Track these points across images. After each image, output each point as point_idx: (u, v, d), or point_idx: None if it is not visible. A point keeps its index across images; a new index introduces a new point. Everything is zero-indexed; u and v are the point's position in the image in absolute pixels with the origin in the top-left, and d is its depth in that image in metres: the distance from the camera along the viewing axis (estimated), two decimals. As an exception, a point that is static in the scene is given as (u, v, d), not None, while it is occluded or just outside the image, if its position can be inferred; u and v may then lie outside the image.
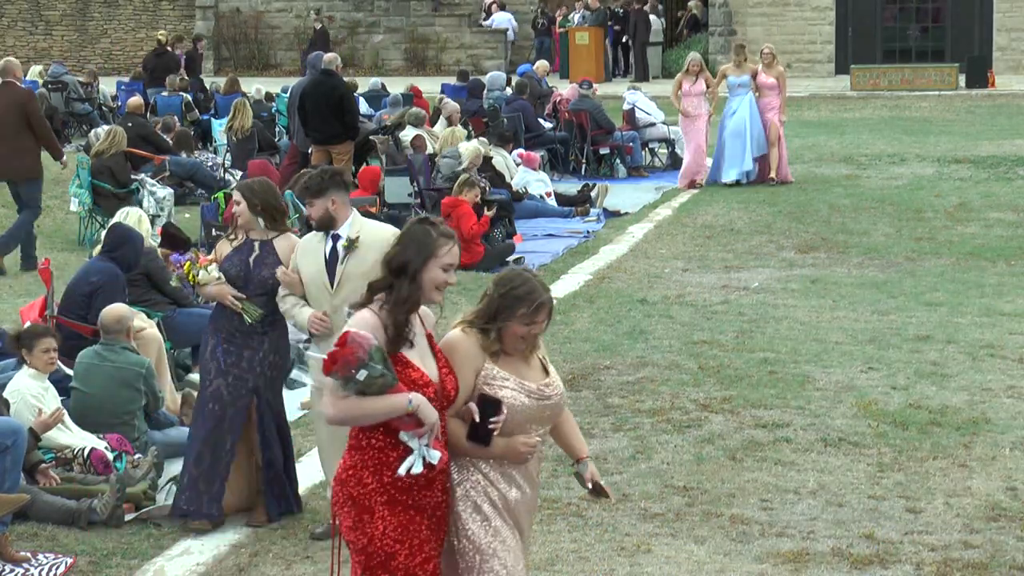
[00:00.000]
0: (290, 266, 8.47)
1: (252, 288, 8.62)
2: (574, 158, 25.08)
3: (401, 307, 5.85)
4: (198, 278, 8.71)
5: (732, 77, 22.87)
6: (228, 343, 8.68)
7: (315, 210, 8.25)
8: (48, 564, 8.15)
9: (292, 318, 8.48)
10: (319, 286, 8.29)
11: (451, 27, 43.92)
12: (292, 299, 8.42)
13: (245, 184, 8.94)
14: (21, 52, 44.79)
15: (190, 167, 21.30)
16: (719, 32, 41.53)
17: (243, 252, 8.70)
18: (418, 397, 5.66)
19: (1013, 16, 40.33)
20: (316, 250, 8.33)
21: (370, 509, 5.72)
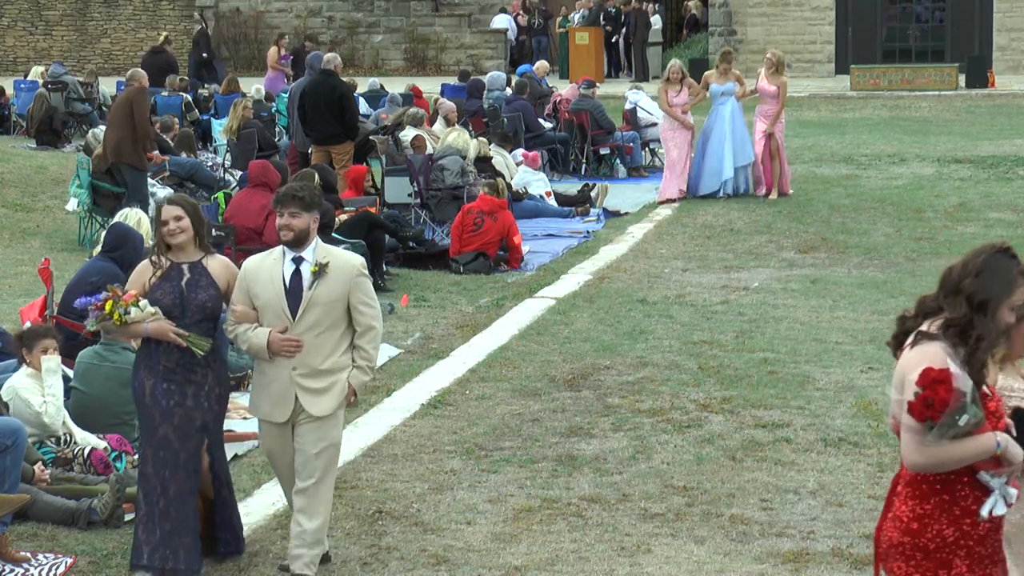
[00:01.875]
0: (235, 294, 7.83)
1: (190, 316, 7.77)
2: (574, 158, 25.09)
3: (984, 345, 5.20)
4: (128, 317, 7.66)
5: (715, 85, 21.49)
6: (168, 382, 7.78)
7: (298, 222, 7.70)
8: (48, 564, 8.15)
9: (244, 343, 7.80)
10: (276, 313, 7.74)
11: (451, 27, 43.90)
12: (243, 325, 7.80)
13: (183, 198, 8.06)
14: (21, 52, 44.81)
15: (190, 167, 21.29)
16: (719, 32, 41.52)
17: (172, 279, 7.80)
18: (1003, 436, 5.18)
19: (1013, 16, 40.32)
20: (271, 273, 7.75)
21: (947, 563, 5.28)
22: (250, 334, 7.77)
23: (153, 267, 7.85)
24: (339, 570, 8.08)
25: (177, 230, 7.79)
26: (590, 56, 39.44)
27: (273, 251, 7.85)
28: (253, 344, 7.76)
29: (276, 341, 7.70)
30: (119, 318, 7.66)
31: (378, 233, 15.95)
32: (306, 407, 7.75)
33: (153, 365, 7.81)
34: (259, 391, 7.92)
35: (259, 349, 7.76)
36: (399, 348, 12.98)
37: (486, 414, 10.93)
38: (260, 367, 7.89)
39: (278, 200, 7.79)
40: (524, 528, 8.60)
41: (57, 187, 21.17)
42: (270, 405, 7.84)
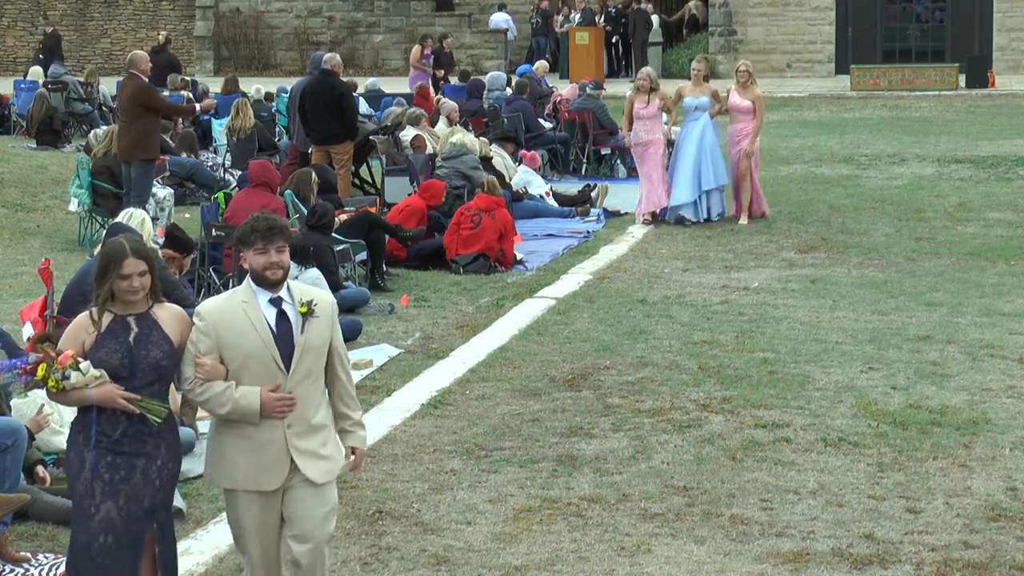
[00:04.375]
0: (197, 346, 6.58)
1: (140, 377, 6.52)
2: (574, 158, 25.09)
3: None
4: (67, 382, 6.41)
5: (689, 98, 19.28)
6: (113, 454, 6.51)
7: (286, 258, 6.67)
8: (48, 564, 8.15)
9: (222, 406, 6.52)
10: (264, 365, 6.56)
11: (451, 27, 43.93)
12: (217, 383, 6.55)
13: (143, 247, 6.74)
14: (21, 52, 44.81)
15: (190, 167, 21.31)
16: (719, 32, 41.53)
17: (117, 334, 6.54)
18: None
19: (1013, 16, 40.33)
20: (250, 319, 6.58)
21: None
22: (232, 395, 6.53)
23: (93, 323, 6.59)
24: (339, 570, 8.08)
25: (139, 287, 6.58)
26: (590, 56, 39.44)
27: (235, 293, 6.68)
28: (240, 407, 6.53)
29: (270, 401, 6.55)
30: (56, 384, 6.40)
31: (378, 233, 15.95)
32: (306, 472, 6.65)
33: (93, 435, 6.53)
34: (234, 459, 6.64)
35: (248, 412, 6.55)
36: (399, 348, 12.98)
37: (486, 414, 10.93)
38: (239, 431, 6.62)
39: (259, 235, 6.58)
40: (524, 528, 8.60)
41: (57, 187, 21.18)
42: (258, 473, 6.63)
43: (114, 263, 6.54)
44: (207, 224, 14.85)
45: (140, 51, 18.59)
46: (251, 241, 6.58)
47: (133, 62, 17.50)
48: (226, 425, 6.64)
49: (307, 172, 16.19)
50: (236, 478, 6.66)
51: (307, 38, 43.40)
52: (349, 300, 14.19)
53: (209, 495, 9.33)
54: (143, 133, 17.01)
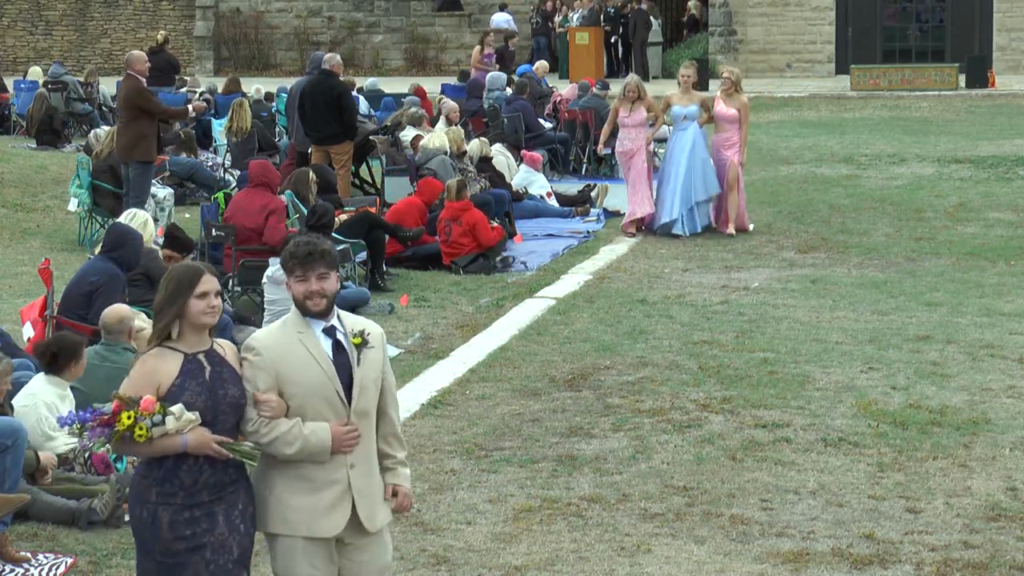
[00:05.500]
0: (256, 382, 6.06)
1: (222, 420, 6.01)
2: (574, 158, 25.09)
3: None
4: (160, 429, 5.85)
5: (677, 107, 18.57)
6: (192, 507, 5.98)
7: (329, 286, 6.12)
8: (48, 564, 8.15)
9: (290, 444, 6.01)
10: (328, 399, 6.08)
11: (451, 27, 43.92)
12: (283, 421, 6.06)
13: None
14: (21, 52, 44.82)
15: (190, 167, 21.31)
16: (719, 32, 41.53)
17: (195, 374, 6.00)
18: None
19: (1013, 16, 40.32)
20: (310, 351, 6.10)
21: None
22: (300, 432, 6.02)
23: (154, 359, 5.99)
24: (339, 570, 8.08)
25: (217, 308, 6.07)
26: (590, 56, 39.43)
27: (287, 322, 6.17)
28: (310, 444, 6.01)
29: (340, 435, 6.05)
30: (145, 432, 5.81)
31: (378, 233, 15.95)
32: (364, 517, 6.15)
33: (171, 489, 5.97)
34: (290, 501, 6.10)
35: (318, 451, 6.04)
36: (399, 348, 12.98)
37: (486, 414, 10.93)
38: (297, 471, 6.09)
39: (297, 261, 6.07)
40: (524, 528, 8.60)
41: (57, 187, 21.17)
42: (318, 517, 6.08)
43: (190, 281, 5.99)
44: (207, 224, 14.86)
45: (137, 51, 18.57)
46: (289, 268, 6.09)
47: (130, 62, 17.50)
48: (281, 465, 6.08)
49: (304, 172, 16.20)
50: (292, 522, 6.10)
51: (307, 38, 43.39)
52: (349, 300, 14.18)
53: (209, 495, 9.34)
54: (139, 135, 17.00)
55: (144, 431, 5.80)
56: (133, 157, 17.03)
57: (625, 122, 18.66)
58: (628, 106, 18.62)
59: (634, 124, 18.61)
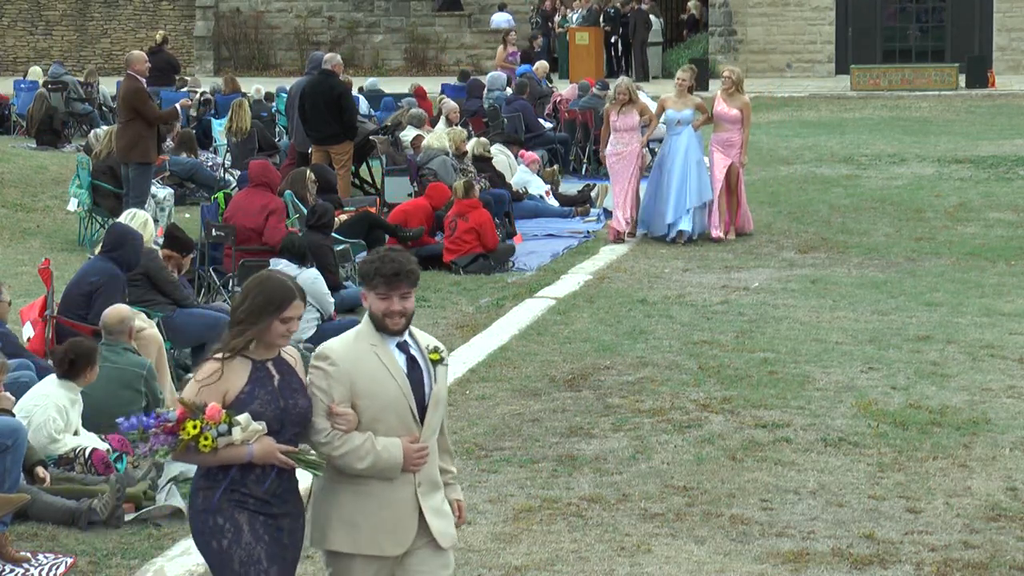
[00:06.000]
0: (328, 392, 5.86)
1: (288, 430, 5.85)
2: (574, 158, 25.08)
3: None
4: (227, 439, 5.66)
5: (671, 111, 18.12)
6: (266, 516, 5.84)
7: (410, 305, 5.96)
8: (48, 564, 8.15)
9: (362, 459, 5.82)
10: (401, 416, 5.91)
11: (451, 27, 43.92)
12: (356, 435, 5.86)
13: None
14: (21, 52, 44.82)
15: (190, 167, 21.31)
16: (719, 32, 41.53)
17: (264, 382, 5.83)
18: None
19: (1013, 16, 40.32)
20: (385, 364, 5.91)
21: None
22: (372, 447, 5.83)
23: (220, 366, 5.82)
24: (339, 570, 8.08)
25: (293, 332, 5.93)
26: (590, 56, 39.43)
27: (360, 334, 5.96)
28: (382, 460, 5.84)
29: (411, 452, 5.89)
30: (210, 442, 5.62)
31: (378, 233, 15.96)
32: (438, 532, 6.00)
33: (240, 498, 5.79)
34: (355, 519, 5.92)
35: (390, 467, 5.87)
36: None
37: (486, 414, 10.93)
38: (364, 488, 5.90)
39: (383, 279, 5.87)
40: (524, 528, 8.60)
41: (57, 187, 21.17)
42: (384, 535, 5.92)
43: (279, 302, 5.80)
44: (207, 224, 14.86)
45: (137, 51, 18.59)
46: (374, 284, 5.88)
47: (130, 62, 17.52)
48: (345, 480, 5.89)
49: (301, 171, 16.21)
50: (357, 541, 5.91)
51: (307, 38, 43.38)
52: (349, 300, 14.18)
53: (209, 495, 9.34)
54: (137, 136, 17.00)
55: (210, 441, 5.61)
56: (131, 158, 17.03)
57: (616, 126, 18.17)
58: (618, 109, 18.12)
59: (625, 128, 18.11)
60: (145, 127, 17.06)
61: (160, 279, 12.06)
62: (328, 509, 5.94)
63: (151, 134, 17.17)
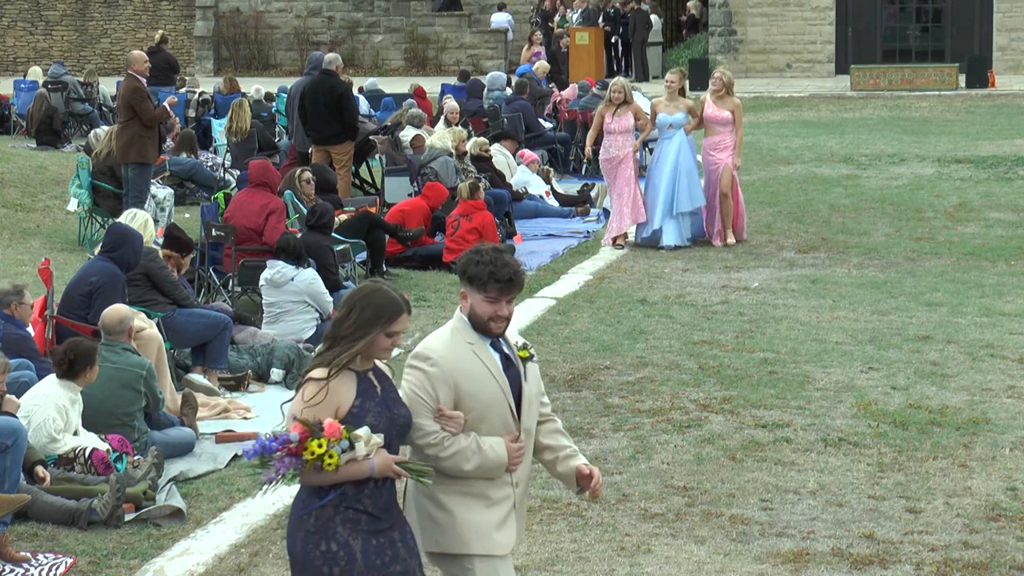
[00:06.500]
0: (432, 393, 5.76)
1: (396, 440, 5.72)
2: (574, 158, 25.09)
3: None
4: (351, 454, 5.46)
5: (663, 114, 17.71)
6: (375, 534, 5.64)
7: (513, 308, 5.89)
8: (48, 564, 8.15)
9: (469, 460, 5.77)
10: (502, 415, 5.87)
11: (451, 27, 43.92)
12: (461, 436, 5.79)
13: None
14: (21, 52, 44.82)
15: (190, 167, 21.31)
16: (719, 32, 41.53)
17: (369, 394, 5.66)
18: None
19: (1013, 16, 40.33)
20: (485, 364, 5.85)
21: None
22: (478, 447, 5.78)
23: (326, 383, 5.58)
24: (339, 570, 8.07)
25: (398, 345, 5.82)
26: (590, 56, 39.44)
27: (457, 332, 5.89)
28: (488, 460, 5.80)
29: (513, 451, 5.85)
30: (336, 460, 5.42)
31: (378, 233, 15.96)
32: (519, 533, 6.06)
33: (354, 516, 5.60)
34: (466, 519, 5.86)
35: (496, 466, 5.84)
36: (399, 348, 12.96)
37: (486, 414, 10.92)
38: (469, 489, 5.86)
39: (497, 285, 5.78)
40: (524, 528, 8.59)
41: (57, 187, 21.16)
42: (493, 534, 5.91)
43: (388, 316, 5.67)
44: (207, 224, 14.85)
45: (137, 51, 18.59)
46: (486, 287, 5.78)
47: (129, 62, 17.52)
48: (449, 482, 5.81)
49: (295, 171, 16.24)
50: (468, 541, 5.87)
51: (307, 38, 43.39)
52: (349, 300, 14.17)
53: (209, 495, 9.34)
54: (136, 136, 17.00)
55: (335, 458, 5.41)
56: (129, 158, 17.04)
57: (611, 127, 17.65)
58: (613, 110, 17.63)
59: (620, 130, 17.63)
60: (144, 127, 17.06)
61: (160, 279, 12.06)
62: (434, 512, 5.86)
63: (150, 134, 17.16)
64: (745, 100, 21.09)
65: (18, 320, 10.54)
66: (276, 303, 13.18)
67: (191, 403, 10.70)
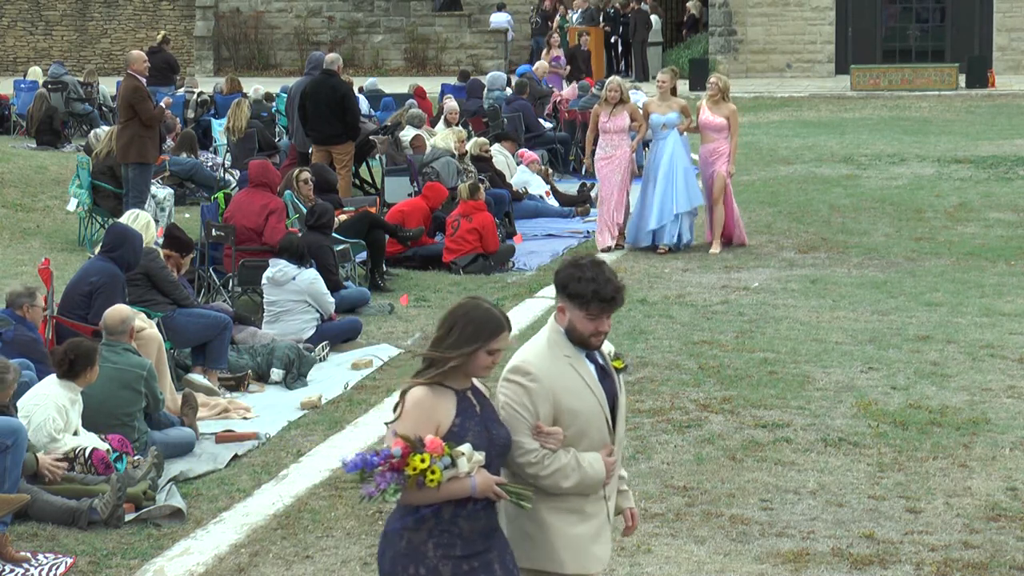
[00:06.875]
0: (532, 410, 5.59)
1: (495, 460, 5.54)
2: (574, 158, 25.08)
3: None
4: (453, 471, 5.34)
5: (656, 115, 17.44)
6: (471, 558, 5.47)
7: (609, 323, 5.80)
8: (48, 564, 8.15)
9: (568, 477, 5.60)
10: (600, 429, 5.71)
11: (451, 27, 43.92)
12: (561, 452, 5.62)
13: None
14: (21, 52, 44.82)
15: (190, 167, 21.32)
16: (719, 32, 41.53)
17: (469, 412, 5.52)
18: None
19: (1013, 16, 40.33)
20: (581, 378, 5.68)
21: None
22: (576, 463, 5.61)
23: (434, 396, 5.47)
24: (339, 570, 8.08)
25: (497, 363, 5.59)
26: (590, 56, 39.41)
27: (555, 345, 5.72)
28: (588, 476, 5.64)
29: (609, 465, 5.71)
30: (439, 476, 5.30)
31: (378, 233, 15.96)
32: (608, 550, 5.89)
33: (449, 540, 5.44)
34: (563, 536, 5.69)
35: (596, 482, 5.68)
36: (399, 348, 12.98)
37: (486, 414, 10.92)
38: (565, 504, 5.68)
39: (601, 304, 5.74)
40: (524, 528, 8.59)
41: (57, 187, 21.16)
42: (587, 551, 5.74)
43: (490, 333, 5.53)
44: (207, 224, 14.86)
45: (136, 51, 18.59)
46: (588, 306, 5.69)
47: (129, 62, 17.52)
48: (545, 499, 5.63)
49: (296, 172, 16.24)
50: (564, 561, 5.69)
51: (307, 38, 43.38)
52: (349, 300, 14.19)
53: (209, 495, 9.34)
54: (136, 136, 17.00)
55: (438, 475, 5.28)
56: (130, 159, 17.04)
57: (606, 127, 17.40)
58: (609, 109, 17.37)
59: (616, 130, 17.38)
60: (143, 127, 17.07)
61: (160, 279, 12.05)
62: (528, 526, 5.68)
63: (150, 134, 17.16)
64: (745, 100, 21.08)
65: (29, 322, 10.54)
66: (277, 302, 13.19)
67: (191, 403, 10.70)
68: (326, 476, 9.58)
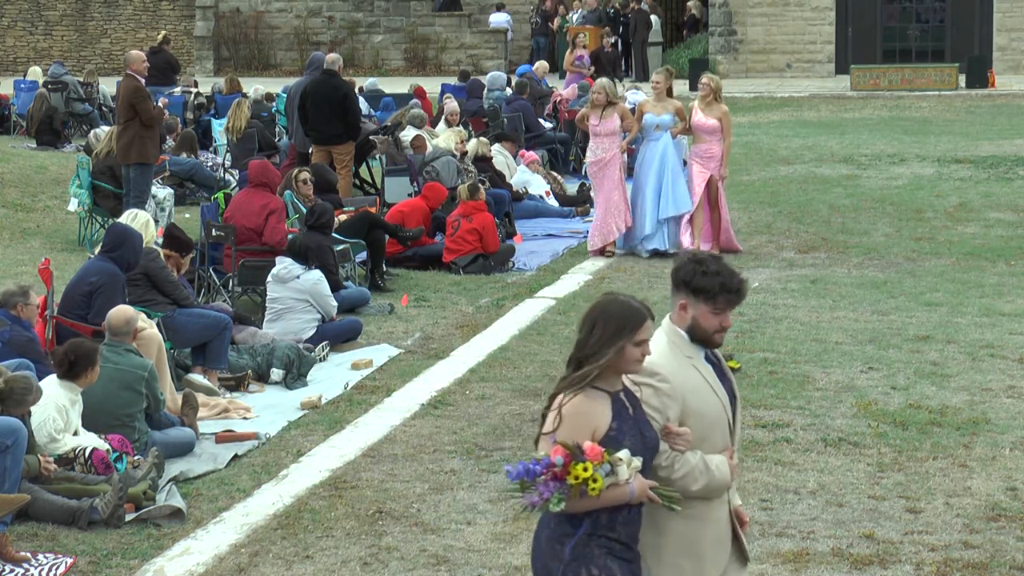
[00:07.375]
0: (663, 412, 5.51)
1: (648, 463, 5.45)
2: (574, 158, 25.09)
3: None
4: (613, 478, 5.24)
5: (650, 115, 17.15)
6: (628, 563, 5.41)
7: (730, 320, 5.70)
8: (48, 564, 8.15)
9: (697, 480, 5.52)
10: (723, 431, 5.66)
11: (451, 27, 43.94)
12: (689, 455, 5.55)
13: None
14: (21, 52, 44.83)
15: (190, 167, 21.32)
16: (719, 32, 41.54)
17: (623, 416, 5.40)
18: None
19: (1013, 16, 40.34)
20: (704, 379, 5.64)
21: None
22: (704, 466, 5.54)
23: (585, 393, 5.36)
24: (339, 570, 8.08)
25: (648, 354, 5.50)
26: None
27: (676, 345, 5.68)
28: (715, 479, 5.57)
29: (733, 468, 5.65)
30: (600, 484, 5.19)
31: (378, 233, 15.95)
32: (744, 548, 5.81)
33: (606, 545, 5.36)
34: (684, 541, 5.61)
35: (722, 485, 5.61)
36: (399, 348, 12.98)
37: (486, 414, 10.93)
38: (690, 512, 5.56)
39: (728, 297, 5.64)
40: (524, 528, 8.59)
41: (57, 187, 21.17)
42: (708, 556, 5.65)
43: (633, 324, 5.49)
44: (207, 224, 14.86)
45: (136, 51, 18.60)
46: (715, 299, 5.61)
47: (128, 62, 17.53)
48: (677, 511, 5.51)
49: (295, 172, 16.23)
50: (681, 566, 5.59)
51: (307, 38, 43.40)
52: (349, 300, 14.19)
53: (209, 495, 9.34)
54: (136, 136, 17.01)
55: (599, 482, 5.18)
56: (130, 159, 17.05)
57: (596, 130, 17.10)
58: (598, 112, 17.06)
59: (606, 133, 17.06)
60: (144, 127, 17.07)
61: (160, 279, 12.05)
62: (660, 539, 5.59)
63: (150, 134, 17.16)
64: (745, 100, 21.08)
65: (24, 321, 10.54)
66: (279, 299, 13.18)
67: (191, 403, 10.70)
68: (326, 476, 9.58)
